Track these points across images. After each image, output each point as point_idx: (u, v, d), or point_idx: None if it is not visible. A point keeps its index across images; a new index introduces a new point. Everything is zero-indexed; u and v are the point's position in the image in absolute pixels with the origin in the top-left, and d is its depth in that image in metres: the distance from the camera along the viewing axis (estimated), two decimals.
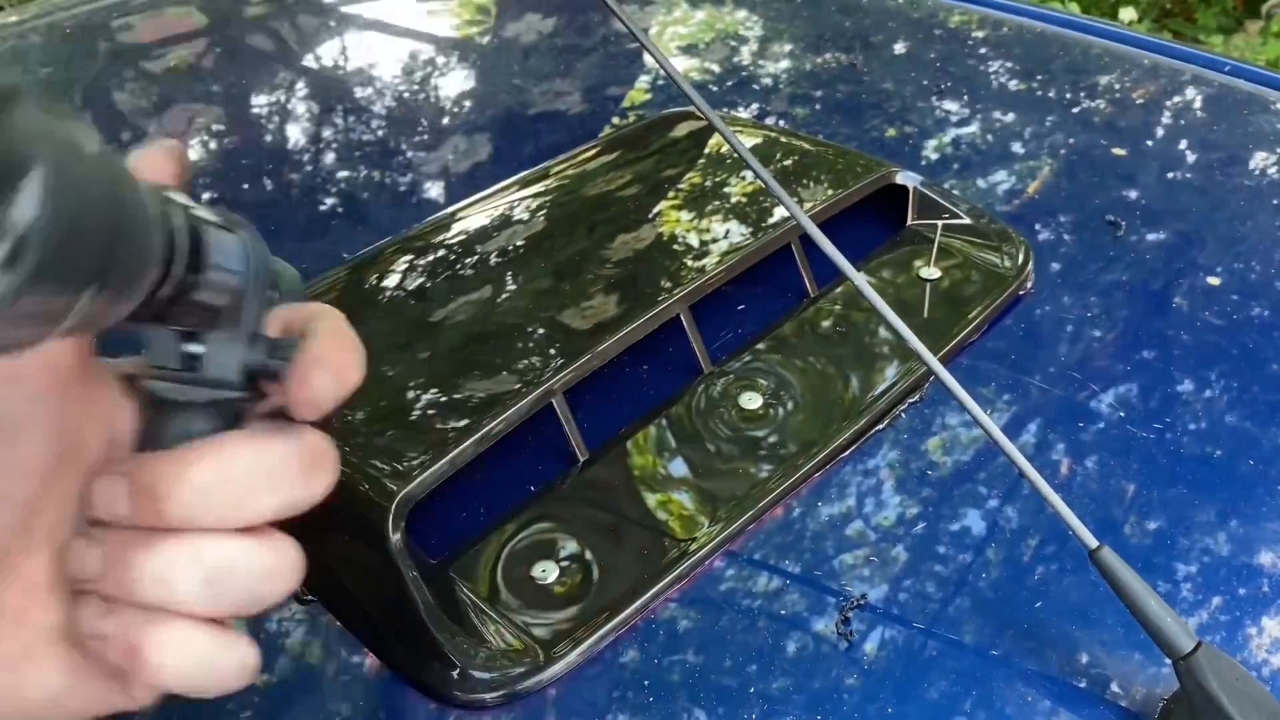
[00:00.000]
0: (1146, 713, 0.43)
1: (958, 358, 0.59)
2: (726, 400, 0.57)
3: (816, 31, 1.00)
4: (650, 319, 0.56)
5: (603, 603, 0.47)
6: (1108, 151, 0.79)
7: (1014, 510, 0.51)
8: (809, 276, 0.63)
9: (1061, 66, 0.91)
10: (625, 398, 0.58)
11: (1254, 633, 0.46)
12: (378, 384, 0.54)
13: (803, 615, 0.47)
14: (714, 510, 0.51)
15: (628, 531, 0.51)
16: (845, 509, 0.51)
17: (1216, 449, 0.54)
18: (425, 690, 0.44)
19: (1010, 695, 0.44)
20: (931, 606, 0.47)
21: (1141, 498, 0.52)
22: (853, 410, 0.56)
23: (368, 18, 1.09)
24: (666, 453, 0.54)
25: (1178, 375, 0.59)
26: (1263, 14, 2.72)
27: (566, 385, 0.53)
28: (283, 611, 0.48)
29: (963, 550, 0.50)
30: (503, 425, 0.51)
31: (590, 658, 0.45)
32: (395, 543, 0.47)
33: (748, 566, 0.49)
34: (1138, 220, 0.71)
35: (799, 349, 0.60)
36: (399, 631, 0.46)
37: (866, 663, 0.45)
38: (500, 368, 0.54)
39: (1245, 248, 0.69)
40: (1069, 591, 0.47)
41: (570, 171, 0.71)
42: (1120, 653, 0.45)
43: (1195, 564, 0.49)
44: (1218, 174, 0.77)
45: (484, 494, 0.53)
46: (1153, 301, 0.64)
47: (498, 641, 0.46)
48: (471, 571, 0.49)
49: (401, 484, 0.48)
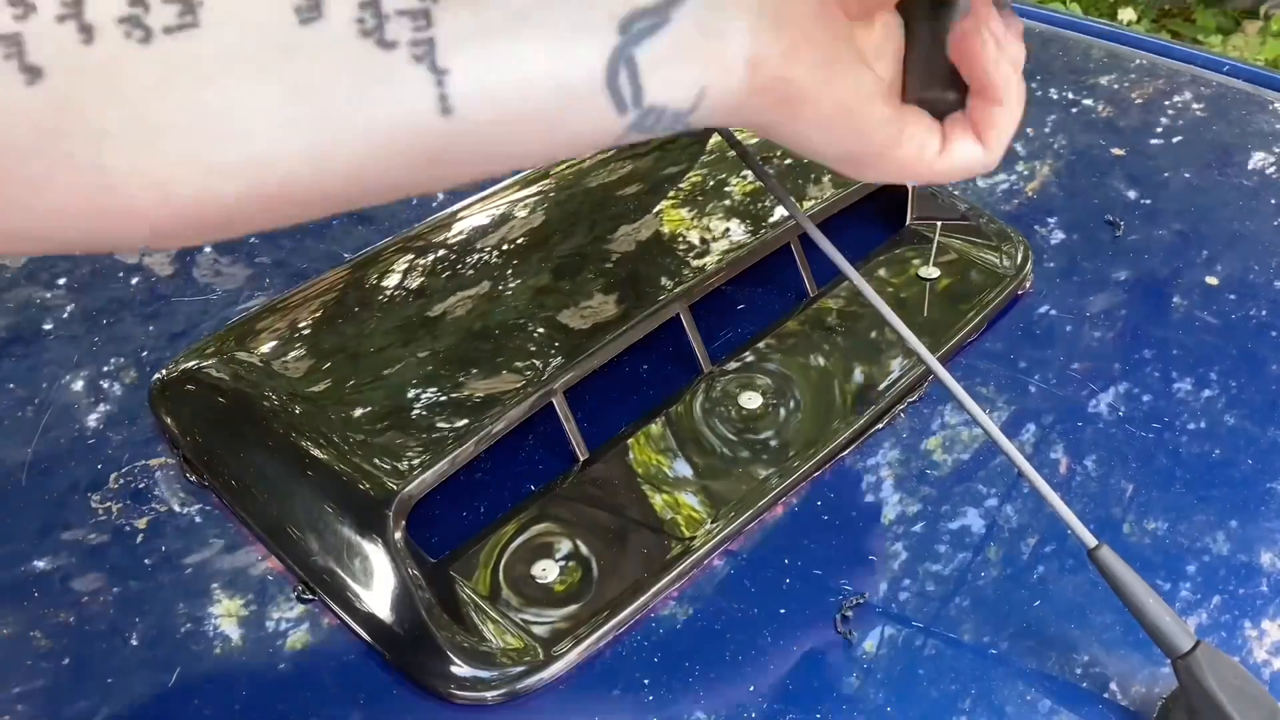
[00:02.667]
0: (1145, 712, 0.43)
1: (957, 357, 0.60)
2: (726, 400, 0.57)
3: None
4: (650, 318, 0.56)
5: (603, 602, 0.47)
6: (1107, 151, 0.79)
7: (1013, 509, 0.51)
8: (809, 276, 0.64)
9: (1061, 66, 0.91)
10: (625, 397, 0.58)
11: (1253, 632, 0.46)
12: (378, 383, 0.54)
13: (802, 614, 0.47)
14: (714, 509, 0.51)
15: (628, 530, 0.51)
16: (845, 508, 0.51)
17: (1216, 449, 0.54)
18: (425, 690, 0.44)
19: (1010, 694, 0.44)
20: (931, 605, 0.47)
21: (1141, 497, 0.52)
22: (852, 409, 0.56)
23: None
24: (666, 452, 0.54)
25: (1177, 375, 0.59)
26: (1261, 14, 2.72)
27: (567, 384, 0.53)
28: (282, 611, 0.48)
29: (962, 549, 0.50)
30: (503, 424, 0.51)
31: (590, 657, 0.45)
32: (395, 542, 0.47)
33: (748, 565, 0.49)
34: (1137, 220, 0.71)
35: (799, 348, 0.60)
36: (399, 631, 0.46)
37: (866, 662, 0.45)
38: (500, 367, 0.54)
39: (1244, 248, 0.69)
40: (1068, 590, 0.48)
41: (570, 170, 0.71)
42: (1119, 652, 0.45)
43: (1194, 563, 0.49)
44: (1216, 174, 0.77)
45: (484, 493, 0.53)
46: (1152, 301, 0.64)
47: (498, 641, 0.46)
48: (471, 571, 0.49)
49: (401, 483, 0.48)
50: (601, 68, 0.30)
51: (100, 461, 0.55)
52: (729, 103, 0.32)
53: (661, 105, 0.31)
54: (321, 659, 0.46)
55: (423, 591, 0.46)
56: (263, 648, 0.46)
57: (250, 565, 0.50)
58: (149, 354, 0.61)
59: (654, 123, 0.31)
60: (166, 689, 0.45)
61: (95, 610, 0.48)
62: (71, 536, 0.51)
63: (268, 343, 0.58)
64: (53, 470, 0.54)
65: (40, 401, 0.58)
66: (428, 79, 0.29)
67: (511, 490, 0.53)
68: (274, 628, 0.47)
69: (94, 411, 0.58)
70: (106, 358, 0.61)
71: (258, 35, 0.28)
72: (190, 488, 0.53)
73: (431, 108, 0.29)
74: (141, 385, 0.59)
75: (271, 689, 0.45)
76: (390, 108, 0.29)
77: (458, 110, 0.29)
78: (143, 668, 0.46)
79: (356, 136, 0.29)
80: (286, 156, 0.29)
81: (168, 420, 0.55)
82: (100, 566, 0.50)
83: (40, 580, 0.49)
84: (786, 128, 0.33)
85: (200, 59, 0.28)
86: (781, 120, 0.33)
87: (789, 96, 0.32)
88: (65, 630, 0.47)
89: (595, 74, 0.30)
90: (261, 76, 0.28)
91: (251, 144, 0.29)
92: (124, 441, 0.56)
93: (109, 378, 0.60)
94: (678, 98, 0.31)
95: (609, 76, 0.30)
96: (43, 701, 0.45)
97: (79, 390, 0.59)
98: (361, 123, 0.29)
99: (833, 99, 0.33)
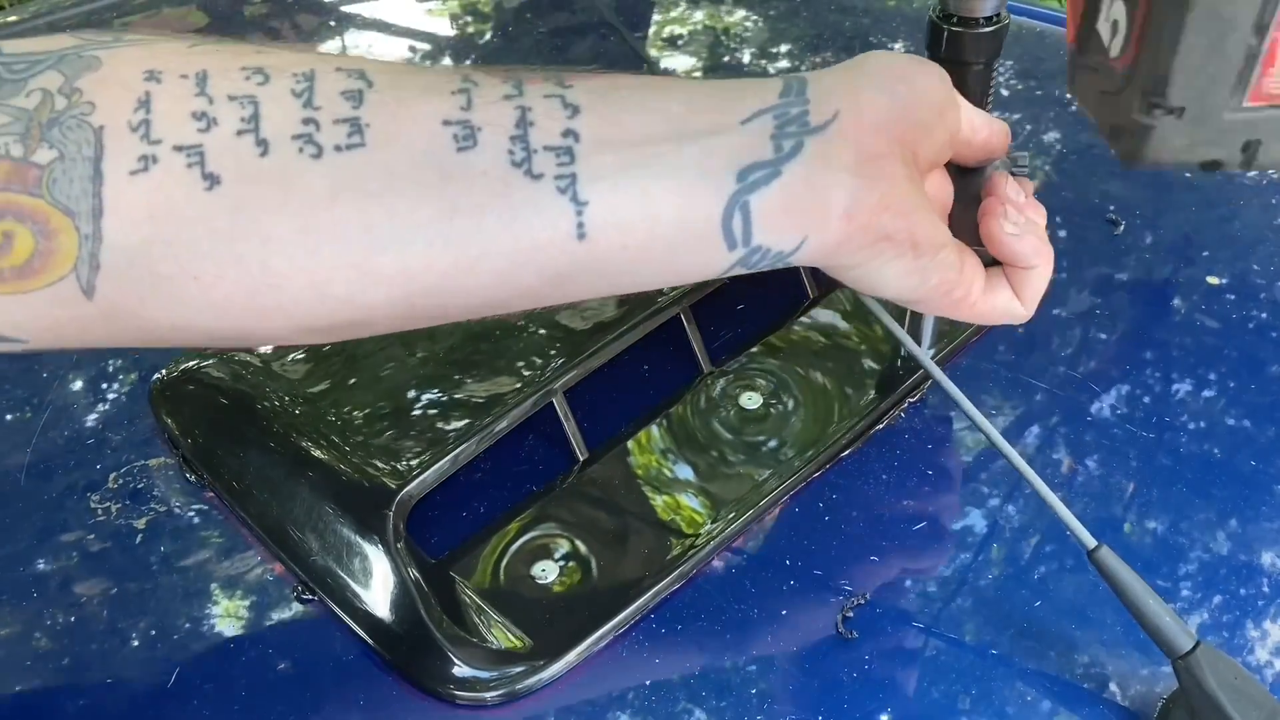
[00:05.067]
0: (1145, 712, 0.43)
1: (955, 358, 0.59)
2: (726, 400, 0.57)
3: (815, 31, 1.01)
4: (650, 318, 0.56)
5: (602, 602, 0.47)
6: (1107, 151, 0.79)
7: (1013, 510, 0.51)
8: (809, 277, 0.64)
9: (1061, 66, 0.91)
10: (625, 397, 0.58)
11: (1254, 632, 0.46)
12: (378, 383, 0.54)
13: (803, 614, 0.47)
14: (714, 509, 0.51)
15: (628, 531, 0.51)
16: (845, 509, 0.51)
17: (1216, 449, 0.54)
18: (425, 690, 0.44)
19: (1010, 694, 0.44)
20: (932, 606, 0.47)
21: (1141, 497, 0.52)
22: (852, 411, 0.56)
23: (368, 17, 1.09)
24: (666, 452, 0.54)
25: (1177, 374, 0.59)
26: None
27: (567, 385, 0.53)
28: (282, 611, 0.48)
29: (962, 550, 0.50)
30: (503, 424, 0.51)
31: (590, 657, 0.45)
32: (395, 542, 0.47)
33: (748, 566, 0.49)
34: (1137, 219, 0.71)
35: (799, 349, 0.60)
36: (399, 631, 0.46)
37: (866, 662, 0.45)
38: (501, 367, 0.54)
39: (1245, 247, 0.69)
40: (1068, 591, 0.48)
41: None
42: (1119, 652, 0.45)
43: (1194, 564, 0.49)
44: (1217, 173, 0.77)
45: (484, 493, 0.53)
46: (1152, 300, 0.64)
47: (498, 641, 0.46)
48: (471, 571, 0.49)
49: (401, 483, 0.48)
50: (719, 211, 0.33)
51: (99, 462, 0.55)
52: (826, 248, 0.35)
53: (766, 247, 0.34)
54: (321, 659, 0.46)
55: (423, 591, 0.46)
56: (262, 648, 0.46)
57: (250, 565, 0.50)
58: (148, 354, 0.61)
59: (758, 260, 0.35)
60: (166, 689, 0.45)
61: (95, 610, 0.48)
62: (71, 537, 0.51)
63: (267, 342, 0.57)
64: (52, 470, 0.54)
65: (40, 402, 0.58)
66: (569, 208, 0.32)
67: (511, 490, 0.53)
68: (274, 628, 0.47)
69: (93, 412, 0.58)
70: (106, 358, 0.61)
71: (419, 158, 0.31)
72: (190, 488, 0.53)
73: (570, 233, 0.32)
74: (141, 385, 0.59)
75: (271, 689, 0.45)
76: (534, 231, 0.32)
77: (591, 236, 0.32)
78: (143, 668, 0.46)
79: (501, 254, 0.32)
80: (435, 268, 0.32)
81: (167, 420, 0.55)
82: (100, 567, 0.50)
83: (40, 580, 0.49)
84: (867, 267, 0.37)
85: (366, 176, 0.31)
86: (866, 261, 0.36)
87: (876, 240, 0.35)
88: (65, 630, 0.47)
89: (713, 216, 0.33)
90: (421, 194, 0.31)
91: (405, 255, 0.31)
92: (123, 442, 0.56)
93: (109, 378, 0.60)
94: (782, 241, 0.34)
95: (725, 218, 0.33)
96: (43, 701, 0.45)
97: (78, 390, 0.59)
98: (507, 243, 0.32)
99: (911, 243, 0.36)
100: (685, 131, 0.33)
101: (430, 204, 0.31)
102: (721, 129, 0.33)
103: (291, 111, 0.31)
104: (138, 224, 0.29)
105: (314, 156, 0.30)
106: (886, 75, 0.36)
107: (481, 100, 0.32)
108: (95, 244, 0.29)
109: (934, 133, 0.37)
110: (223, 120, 0.30)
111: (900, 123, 0.35)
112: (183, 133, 0.30)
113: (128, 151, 0.29)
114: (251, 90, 0.31)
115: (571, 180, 0.32)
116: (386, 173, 0.31)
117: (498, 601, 0.48)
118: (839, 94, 0.35)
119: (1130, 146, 0.32)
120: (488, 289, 0.33)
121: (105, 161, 0.29)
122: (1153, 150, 0.32)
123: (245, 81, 0.31)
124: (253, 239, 0.30)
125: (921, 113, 0.36)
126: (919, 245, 0.36)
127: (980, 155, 0.41)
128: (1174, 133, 0.31)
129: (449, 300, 0.33)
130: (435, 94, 0.32)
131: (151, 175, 0.29)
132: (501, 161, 0.32)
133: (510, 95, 0.32)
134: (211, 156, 0.30)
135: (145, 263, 0.30)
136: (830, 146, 0.34)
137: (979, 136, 0.40)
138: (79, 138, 0.29)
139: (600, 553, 0.49)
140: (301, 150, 0.30)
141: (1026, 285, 0.41)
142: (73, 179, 0.29)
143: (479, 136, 0.31)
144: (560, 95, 0.33)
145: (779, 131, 0.34)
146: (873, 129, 0.35)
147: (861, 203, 0.34)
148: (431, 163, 0.31)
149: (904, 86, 0.36)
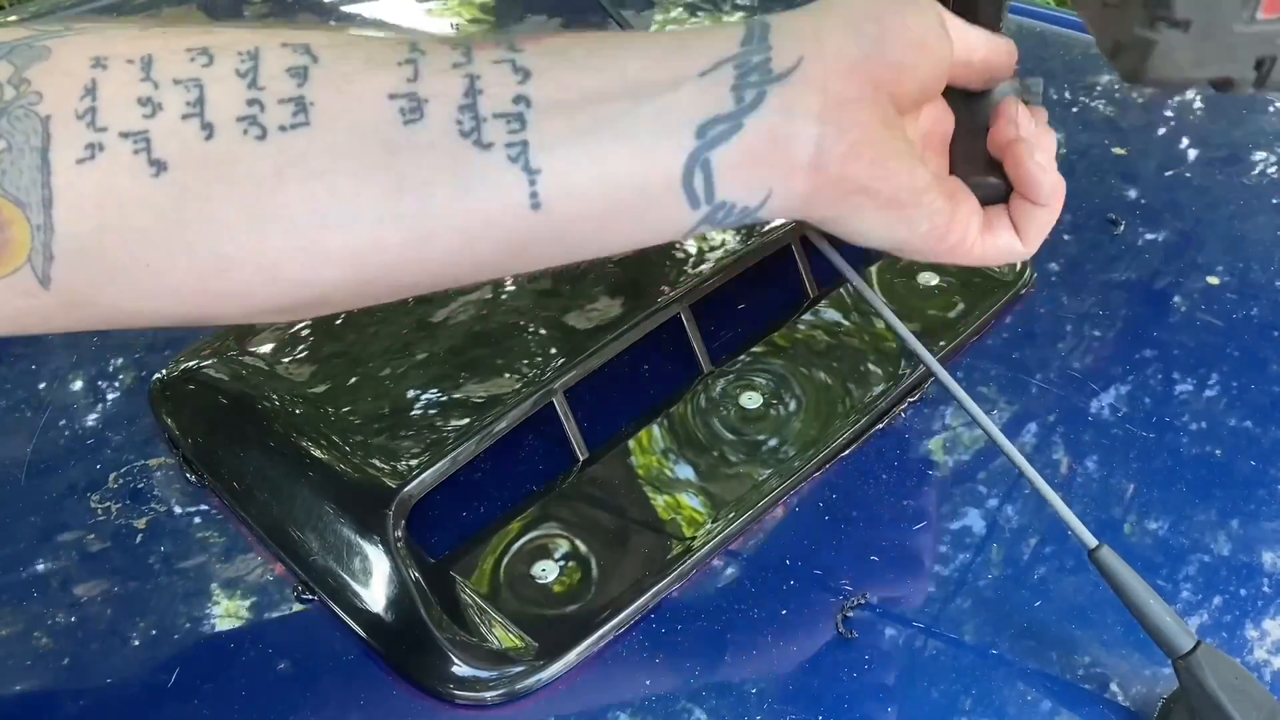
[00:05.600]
0: (1146, 712, 0.43)
1: (957, 357, 0.59)
2: (726, 400, 0.57)
3: None
4: (650, 318, 0.56)
5: (602, 602, 0.47)
6: (1108, 151, 0.79)
7: (1014, 510, 0.51)
8: (809, 277, 0.63)
9: (1061, 66, 0.91)
10: (625, 397, 0.58)
11: (1254, 632, 0.46)
12: (378, 383, 0.54)
13: (803, 614, 0.47)
14: (714, 509, 0.51)
15: (628, 531, 0.51)
16: (845, 508, 0.51)
17: (1216, 449, 0.54)
18: (425, 690, 0.44)
19: (1010, 694, 0.44)
20: (931, 606, 0.47)
21: (1141, 497, 0.52)
22: (853, 410, 0.56)
23: (367, 17, 1.09)
24: (667, 452, 0.54)
25: (1177, 374, 0.59)
26: None
27: (567, 384, 0.53)
28: (282, 611, 0.48)
29: (963, 550, 0.50)
30: (503, 424, 0.51)
31: (590, 657, 0.45)
32: (395, 542, 0.47)
33: (748, 565, 0.49)
34: (1137, 219, 0.71)
35: (799, 349, 0.60)
36: (399, 631, 0.46)
37: (866, 662, 0.45)
38: (501, 367, 0.54)
39: (1245, 247, 0.69)
40: (1069, 591, 0.47)
41: None
42: (1120, 652, 0.45)
43: (1195, 564, 0.49)
44: (1217, 173, 0.77)
45: (484, 493, 0.53)
46: (1152, 300, 0.64)
47: (498, 641, 0.46)
48: (471, 571, 0.49)
49: (401, 483, 0.48)
50: (679, 170, 0.32)
51: (100, 462, 0.55)
52: (794, 201, 0.34)
53: (731, 203, 0.33)
54: (321, 659, 0.46)
55: (423, 591, 0.46)
56: (262, 648, 0.46)
57: (250, 565, 0.50)
58: (148, 354, 0.61)
59: (723, 217, 0.34)
60: (166, 689, 0.45)
61: (95, 610, 0.48)
62: (71, 537, 0.51)
63: (268, 342, 0.57)
64: (52, 470, 0.54)
65: (40, 402, 0.58)
66: (521, 178, 0.31)
67: (511, 490, 0.53)
68: (274, 628, 0.47)
69: (93, 411, 0.58)
70: (106, 358, 0.61)
71: (364, 134, 0.31)
72: (190, 488, 0.53)
73: (523, 203, 0.31)
74: (141, 385, 0.58)
75: (271, 689, 0.45)
76: (486, 203, 0.31)
77: (546, 205, 0.32)
78: (143, 668, 0.46)
79: (453, 228, 0.32)
80: (387, 245, 0.31)
81: (168, 420, 0.55)
82: (100, 567, 0.50)
83: (40, 580, 0.49)
84: (847, 221, 0.35)
85: (311, 155, 0.30)
86: (842, 214, 0.35)
87: (849, 193, 0.34)
88: (65, 630, 0.47)
89: (673, 176, 0.32)
90: (367, 172, 0.31)
91: (355, 233, 0.31)
92: (123, 442, 0.56)
93: (108, 378, 0.60)
94: (746, 197, 0.33)
95: (685, 177, 0.32)
96: (43, 701, 0.45)
97: (78, 390, 0.59)
98: (458, 216, 0.31)
99: (889, 193, 0.35)
100: (641, 89, 0.32)
101: (376, 181, 0.31)
102: (679, 83, 0.32)
103: (236, 92, 0.30)
104: (87, 213, 0.29)
105: (259, 138, 0.30)
106: (855, 14, 0.34)
107: (429, 70, 0.31)
108: (48, 234, 0.29)
109: (916, 69, 0.35)
110: (168, 105, 0.30)
111: (872, 63, 0.33)
112: (128, 119, 0.29)
113: (74, 140, 0.29)
114: (196, 73, 0.30)
115: (523, 148, 0.31)
116: (331, 151, 0.30)
117: (498, 601, 0.48)
118: (804, 38, 0.33)
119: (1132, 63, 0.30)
120: (443, 264, 0.32)
121: (53, 151, 0.29)
122: (1156, 67, 0.29)
123: (190, 64, 0.30)
124: (201, 225, 0.30)
125: (896, 51, 0.34)
126: (898, 195, 0.35)
127: (982, 76, 0.39)
128: (1179, 48, 0.28)
129: (404, 277, 0.33)
130: (381, 66, 0.31)
131: (99, 163, 0.29)
132: (449, 133, 0.31)
133: (459, 63, 0.31)
134: (157, 142, 0.29)
135: (98, 251, 0.30)
136: (795, 94, 0.32)
137: (977, 55, 0.38)
138: (26, 128, 0.29)
139: (600, 553, 0.49)
140: (246, 132, 0.30)
141: (1033, 222, 0.39)
142: (21, 170, 0.29)
143: (426, 108, 0.31)
144: (510, 59, 0.31)
145: (740, 81, 0.32)
146: (841, 73, 0.33)
147: (829, 152, 0.33)
148: (377, 138, 0.30)
149: (873, 25, 0.34)
